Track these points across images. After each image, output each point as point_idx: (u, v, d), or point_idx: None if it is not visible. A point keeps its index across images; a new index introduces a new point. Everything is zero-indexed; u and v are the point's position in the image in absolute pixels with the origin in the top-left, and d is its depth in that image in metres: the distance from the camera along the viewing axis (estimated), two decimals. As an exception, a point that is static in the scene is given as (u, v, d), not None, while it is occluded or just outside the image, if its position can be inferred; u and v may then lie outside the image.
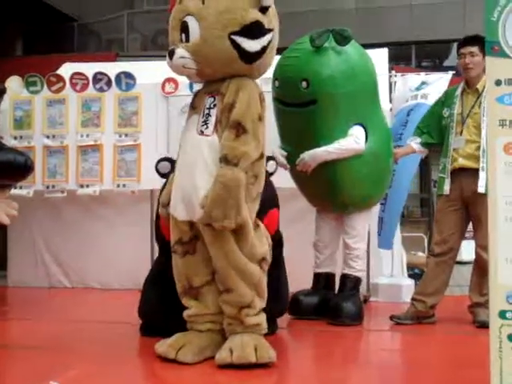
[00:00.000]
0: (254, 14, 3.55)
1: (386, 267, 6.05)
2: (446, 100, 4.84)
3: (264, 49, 3.63)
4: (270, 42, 3.65)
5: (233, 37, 3.52)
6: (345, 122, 4.57)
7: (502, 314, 2.32)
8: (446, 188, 4.66)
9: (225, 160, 3.43)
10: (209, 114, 3.62)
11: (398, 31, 15.13)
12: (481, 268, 4.54)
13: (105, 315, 5.15)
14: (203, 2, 3.54)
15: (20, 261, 6.62)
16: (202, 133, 3.61)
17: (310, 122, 4.48)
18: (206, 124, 3.60)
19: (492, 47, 2.37)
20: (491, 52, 2.37)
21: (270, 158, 4.37)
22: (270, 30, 3.64)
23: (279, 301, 4.31)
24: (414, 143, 4.90)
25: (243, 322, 3.56)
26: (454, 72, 6.02)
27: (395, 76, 6.09)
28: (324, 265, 4.98)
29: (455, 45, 5.10)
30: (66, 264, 6.58)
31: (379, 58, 6.70)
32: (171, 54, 3.59)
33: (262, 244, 3.65)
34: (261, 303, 3.62)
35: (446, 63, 15.89)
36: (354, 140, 4.54)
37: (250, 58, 3.60)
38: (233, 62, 3.58)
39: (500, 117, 2.34)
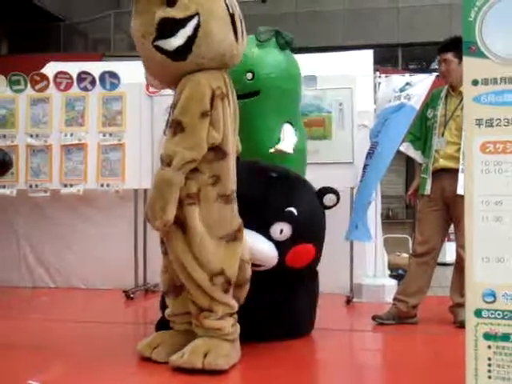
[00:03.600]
0: (160, 13, 3.42)
1: (369, 268, 6.07)
2: (431, 101, 4.91)
3: (191, 38, 3.42)
4: (197, 28, 3.42)
5: (155, 43, 3.45)
6: (278, 118, 4.62)
7: (478, 313, 2.33)
8: (428, 188, 4.71)
9: (160, 160, 3.40)
10: (169, 114, 3.59)
11: (384, 33, 15.22)
12: (462, 268, 4.54)
13: (88, 315, 5.15)
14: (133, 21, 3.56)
15: (3, 260, 6.57)
16: (164, 133, 3.64)
17: (249, 113, 4.40)
18: (167, 125, 3.59)
19: (469, 47, 2.38)
20: (468, 52, 2.38)
21: (330, 191, 4.30)
22: (190, 17, 3.42)
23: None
24: (418, 157, 4.94)
25: (202, 325, 3.48)
26: (437, 74, 6.03)
27: (379, 77, 6.10)
28: None
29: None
30: (49, 263, 6.56)
31: (364, 59, 6.75)
32: None
33: (220, 257, 3.46)
34: (224, 309, 3.49)
35: (433, 65, 15.97)
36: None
37: (178, 54, 3.44)
38: (167, 66, 3.49)
39: (477, 116, 2.35)
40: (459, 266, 4.62)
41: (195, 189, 3.44)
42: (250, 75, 4.48)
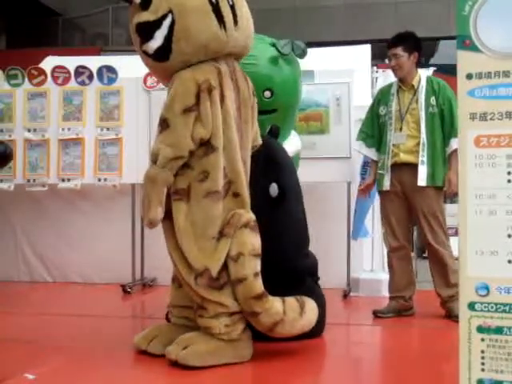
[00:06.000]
0: (135, 19, 3.49)
1: (367, 262, 6.08)
2: (382, 98, 4.93)
3: (168, 37, 3.42)
4: (172, 25, 3.41)
5: (142, 49, 3.51)
6: (288, 131, 4.66)
7: (471, 306, 2.33)
8: (386, 184, 4.77)
9: (150, 158, 3.45)
10: None
11: (383, 29, 15.17)
12: (439, 261, 4.67)
13: (85, 309, 5.15)
14: None
15: (0, 255, 6.59)
16: None
17: (262, 128, 4.30)
18: None
19: (463, 41, 2.37)
20: (462, 46, 2.37)
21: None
22: (163, 17, 3.41)
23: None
24: (372, 154, 4.96)
25: (198, 322, 3.49)
26: (435, 68, 6.03)
27: (376, 72, 6.11)
28: None
29: (441, 42, 5.19)
30: (47, 258, 6.57)
31: (361, 54, 6.75)
32: None
33: (205, 256, 3.38)
34: (216, 308, 3.39)
35: (432, 61, 15.95)
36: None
37: (158, 55, 3.47)
38: (157, 68, 3.60)
39: (471, 110, 2.35)
40: (436, 259, 4.70)
41: (184, 185, 3.40)
42: (268, 93, 4.35)
